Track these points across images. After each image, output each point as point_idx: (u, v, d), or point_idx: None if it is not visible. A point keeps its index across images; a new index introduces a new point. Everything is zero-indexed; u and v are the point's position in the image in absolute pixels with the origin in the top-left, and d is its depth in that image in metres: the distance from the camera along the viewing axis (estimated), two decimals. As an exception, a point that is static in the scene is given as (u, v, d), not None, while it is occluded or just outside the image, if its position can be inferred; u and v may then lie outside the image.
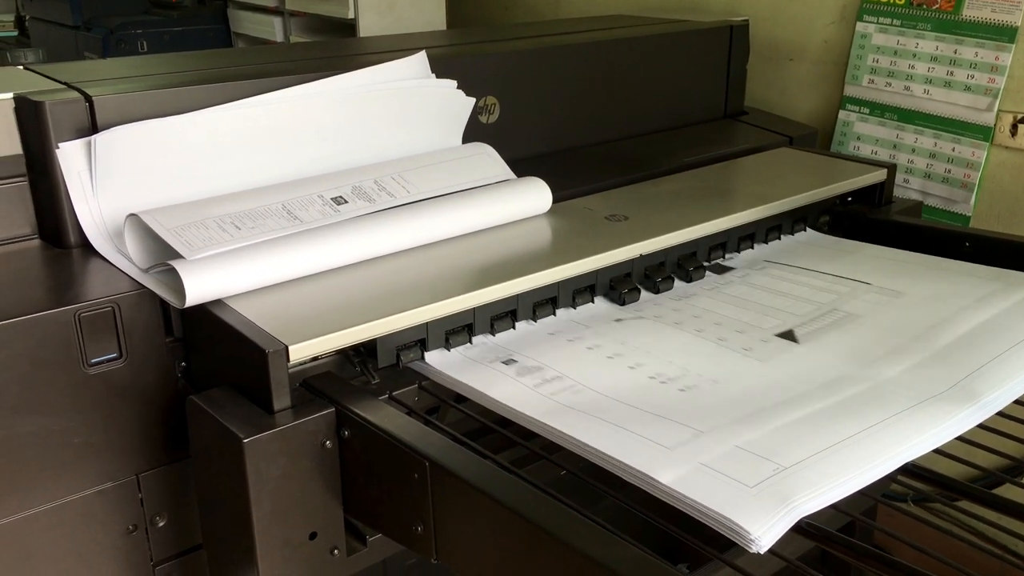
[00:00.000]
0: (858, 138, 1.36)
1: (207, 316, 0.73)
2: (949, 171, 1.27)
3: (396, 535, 0.66)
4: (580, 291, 0.86)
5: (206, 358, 0.76)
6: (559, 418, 0.67)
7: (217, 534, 0.73)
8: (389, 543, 0.73)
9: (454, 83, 1.00)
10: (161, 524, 0.80)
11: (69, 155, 0.79)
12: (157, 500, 0.80)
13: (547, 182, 0.95)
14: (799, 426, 0.64)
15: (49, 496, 0.74)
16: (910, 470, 0.61)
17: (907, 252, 0.99)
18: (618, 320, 0.84)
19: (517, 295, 0.81)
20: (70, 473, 0.74)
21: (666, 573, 0.46)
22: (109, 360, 0.74)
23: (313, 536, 0.69)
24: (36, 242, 0.83)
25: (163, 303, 0.75)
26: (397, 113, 0.95)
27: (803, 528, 0.53)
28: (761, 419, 0.66)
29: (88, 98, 0.80)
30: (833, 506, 0.57)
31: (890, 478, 0.63)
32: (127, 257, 0.78)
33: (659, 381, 0.73)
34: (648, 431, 0.64)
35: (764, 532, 0.52)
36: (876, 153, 1.34)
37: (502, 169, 0.97)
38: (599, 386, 0.72)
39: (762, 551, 0.51)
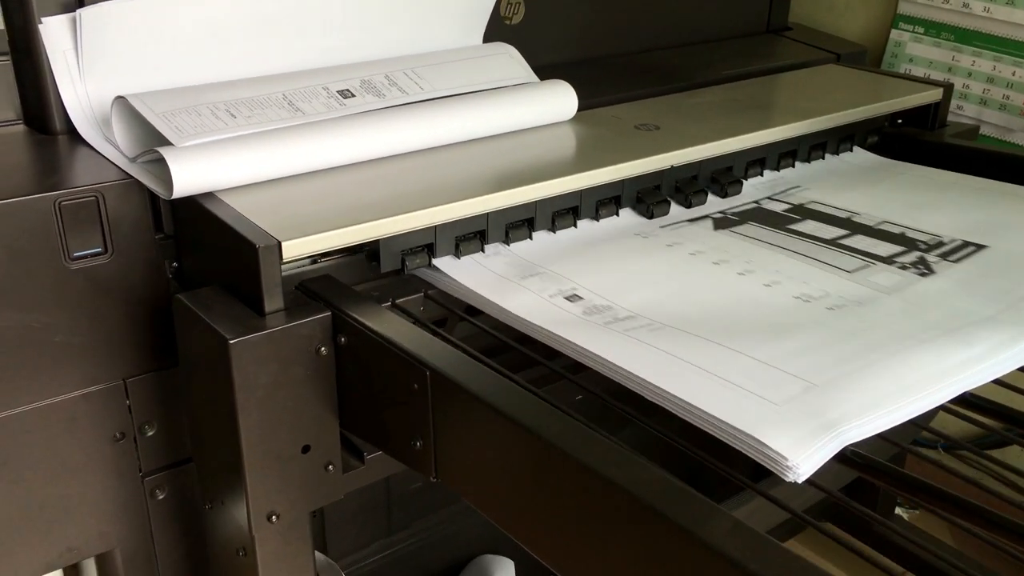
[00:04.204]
0: (910, 60, 1.27)
1: (197, 209, 0.67)
2: (1008, 97, 1.17)
3: (394, 451, 0.61)
4: (604, 202, 0.79)
5: (197, 257, 0.71)
6: (575, 330, 0.61)
7: (205, 445, 0.68)
8: (388, 463, 0.68)
9: (475, -26, 0.92)
10: (150, 433, 0.76)
11: (53, 31, 0.72)
12: (146, 408, 0.75)
13: (573, 89, 0.87)
14: (839, 345, 0.58)
15: (29, 397, 0.69)
16: (968, 400, 0.54)
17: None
18: (638, 235, 0.78)
19: (535, 202, 0.74)
20: (51, 374, 0.69)
21: (690, 496, 0.41)
22: (93, 255, 0.68)
23: (306, 450, 0.64)
24: (20, 128, 0.77)
25: (153, 196, 0.69)
26: (411, 3, 0.88)
27: (862, 465, 0.47)
28: (791, 339, 0.59)
29: (74, -33, 0.73)
30: (887, 440, 0.51)
31: (950, 411, 0.57)
32: (115, 145, 0.72)
33: (701, 304, 0.67)
34: (675, 347, 0.58)
35: (804, 459, 0.46)
36: (929, 76, 1.25)
37: (524, 71, 0.90)
38: (626, 301, 0.66)
39: (800, 480, 0.45)
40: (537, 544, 0.49)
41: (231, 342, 0.58)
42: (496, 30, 0.96)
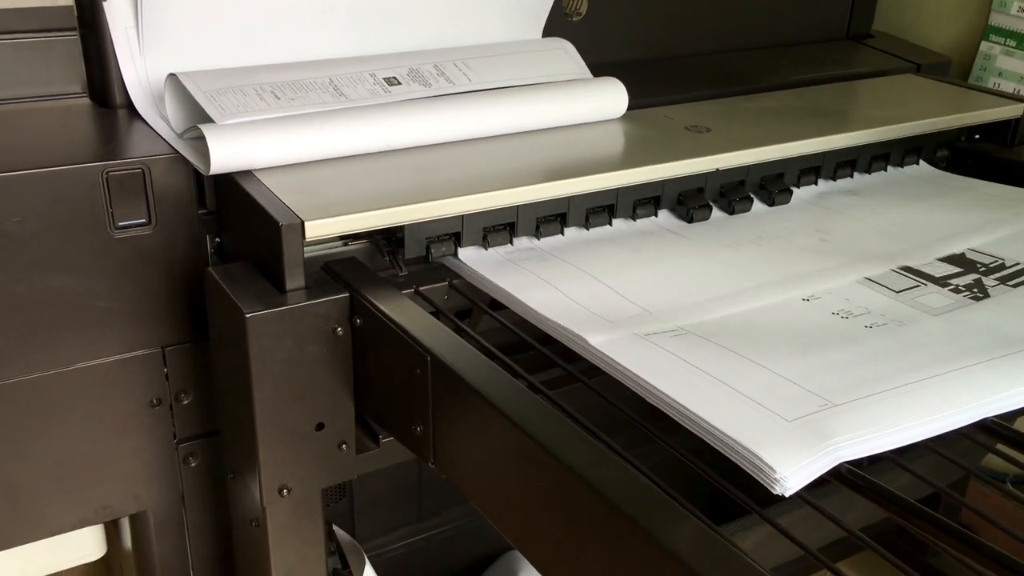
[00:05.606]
0: (999, 74, 1.20)
1: (233, 186, 0.69)
2: (1103, 117, 1.10)
3: (399, 435, 0.61)
4: (642, 202, 0.78)
5: (234, 233, 0.73)
6: (593, 331, 0.60)
7: (227, 417, 0.70)
8: (403, 447, 0.69)
9: (536, -33, 0.91)
10: (186, 402, 0.78)
11: (116, 9, 0.75)
12: (183, 377, 0.77)
13: (629, 89, 0.86)
14: (868, 365, 0.56)
15: (70, 358, 0.72)
16: (994, 430, 0.51)
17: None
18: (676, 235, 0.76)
19: (569, 197, 0.73)
20: (92, 337, 0.72)
21: (659, 500, 0.40)
22: (137, 225, 0.71)
23: (320, 427, 0.65)
24: (84, 101, 0.81)
25: (197, 172, 0.72)
26: (471, -3, 0.88)
27: (862, 488, 0.45)
28: (814, 354, 0.57)
29: (139, -52, 0.76)
30: (915, 475, 0.48)
31: (978, 442, 0.54)
32: (166, 121, 0.75)
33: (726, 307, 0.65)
34: (688, 354, 0.57)
35: (792, 472, 0.44)
36: (1019, 92, 1.18)
37: (578, 67, 0.89)
38: (654, 306, 0.65)
39: (787, 494, 0.44)
40: (518, 538, 0.49)
41: (248, 316, 0.59)
42: (558, 26, 0.95)
